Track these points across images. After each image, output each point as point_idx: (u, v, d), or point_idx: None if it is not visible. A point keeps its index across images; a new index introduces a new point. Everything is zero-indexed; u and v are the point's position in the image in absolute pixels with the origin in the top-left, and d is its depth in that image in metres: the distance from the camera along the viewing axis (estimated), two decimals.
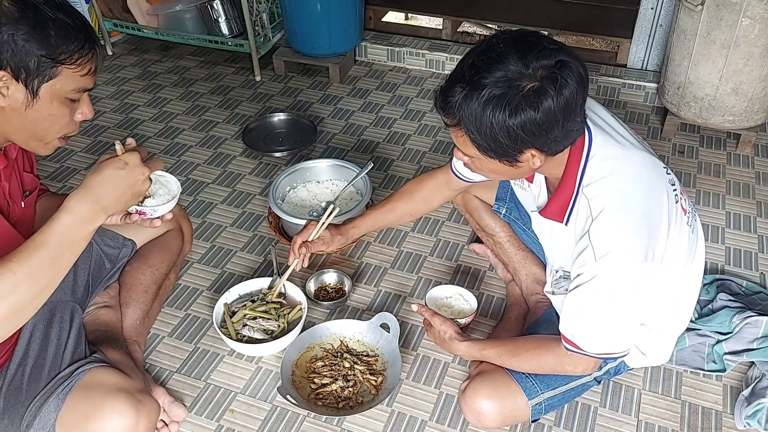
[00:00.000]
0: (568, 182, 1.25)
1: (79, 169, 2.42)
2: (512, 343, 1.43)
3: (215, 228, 2.16)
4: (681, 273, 1.33)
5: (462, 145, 1.21)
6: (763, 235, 2.08)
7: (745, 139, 2.42)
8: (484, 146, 1.16)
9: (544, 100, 1.08)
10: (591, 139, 1.23)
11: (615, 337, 1.26)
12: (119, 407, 1.22)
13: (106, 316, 1.60)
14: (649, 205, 1.20)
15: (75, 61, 1.14)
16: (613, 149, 1.24)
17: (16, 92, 1.12)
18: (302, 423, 1.57)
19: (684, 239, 1.30)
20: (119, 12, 3.13)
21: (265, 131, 2.57)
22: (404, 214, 1.71)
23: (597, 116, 1.29)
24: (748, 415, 1.52)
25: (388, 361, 1.63)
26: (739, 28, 2.12)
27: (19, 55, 1.09)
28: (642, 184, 1.21)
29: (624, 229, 1.17)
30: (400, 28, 3.29)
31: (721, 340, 1.67)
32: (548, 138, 1.13)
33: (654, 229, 1.19)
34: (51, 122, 1.18)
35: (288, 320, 1.72)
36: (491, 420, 1.45)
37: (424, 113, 2.72)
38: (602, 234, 1.18)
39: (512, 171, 1.23)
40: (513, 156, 1.17)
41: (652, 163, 1.27)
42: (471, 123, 1.13)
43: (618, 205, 1.19)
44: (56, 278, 1.10)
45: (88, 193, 1.11)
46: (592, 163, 1.22)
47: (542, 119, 1.09)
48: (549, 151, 1.17)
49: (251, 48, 2.87)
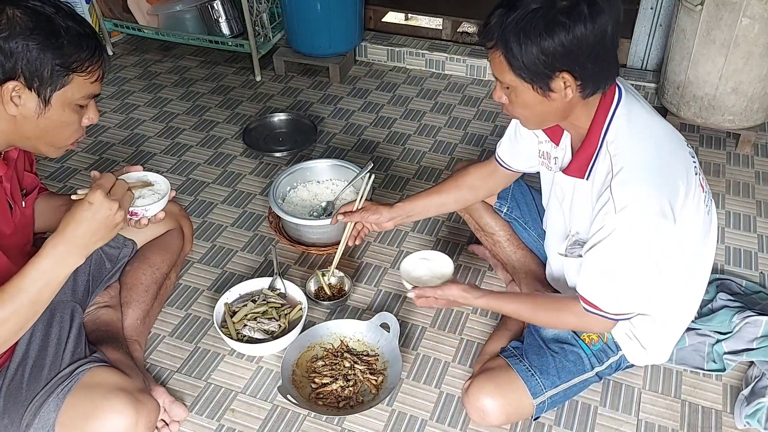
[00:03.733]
0: (592, 137, 1.28)
1: (79, 169, 2.42)
2: (531, 301, 1.44)
3: (216, 228, 2.16)
4: (694, 249, 1.35)
5: (499, 72, 1.22)
6: (762, 235, 2.08)
7: (745, 138, 2.42)
8: (519, 66, 1.17)
9: (578, 17, 1.11)
10: (620, 97, 1.27)
11: (632, 294, 1.27)
12: (119, 407, 1.23)
13: (107, 316, 1.60)
14: (670, 168, 1.23)
15: (86, 68, 1.16)
16: (639, 111, 1.27)
17: (29, 101, 1.14)
18: (303, 422, 1.57)
19: (700, 216, 1.32)
20: (119, 12, 3.13)
21: (266, 131, 2.58)
22: (452, 200, 1.70)
23: (626, 84, 1.32)
24: (747, 415, 1.52)
25: (389, 361, 1.63)
26: (739, 28, 2.12)
27: (33, 64, 1.11)
28: (664, 149, 1.25)
29: (644, 185, 1.19)
30: (400, 28, 3.30)
31: (720, 339, 1.67)
32: (581, 61, 1.15)
33: (672, 192, 1.21)
34: (62, 129, 1.20)
35: (288, 320, 1.73)
36: (495, 418, 1.45)
37: (424, 113, 2.72)
38: (623, 188, 1.20)
39: (545, 105, 1.23)
40: (546, 81, 1.18)
41: (675, 133, 1.31)
42: (506, 40, 1.16)
43: (640, 163, 1.21)
44: (37, 314, 1.19)
45: (63, 237, 1.16)
46: (618, 120, 1.25)
47: (575, 36, 1.12)
48: (583, 81, 1.18)
49: (251, 48, 2.87)
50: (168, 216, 1.80)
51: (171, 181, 2.41)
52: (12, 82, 1.11)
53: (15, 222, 1.32)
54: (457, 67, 2.96)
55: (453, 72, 2.98)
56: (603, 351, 1.50)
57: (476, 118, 2.68)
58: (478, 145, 2.50)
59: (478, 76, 2.94)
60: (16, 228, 1.33)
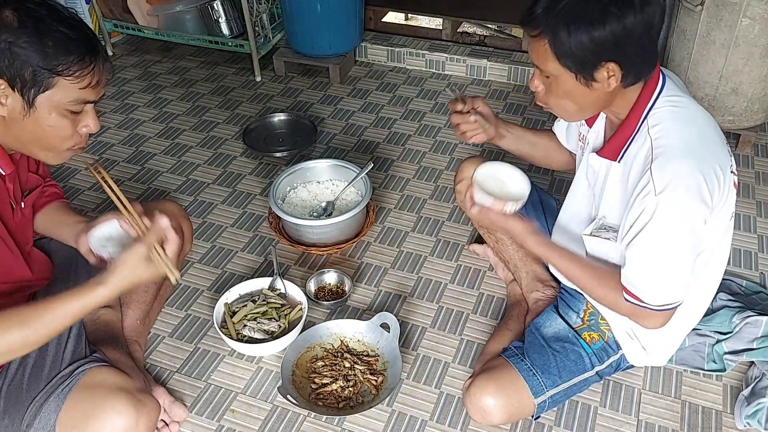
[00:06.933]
0: (631, 121, 1.27)
1: (78, 169, 2.42)
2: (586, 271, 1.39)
3: (216, 228, 2.16)
4: (715, 243, 1.34)
5: (542, 60, 1.22)
6: (762, 235, 2.08)
7: (745, 139, 2.42)
8: (564, 54, 1.17)
9: (628, 7, 1.12)
10: (664, 84, 1.26)
11: (672, 283, 1.26)
12: (119, 407, 1.23)
13: (107, 316, 1.60)
14: (713, 160, 1.22)
15: (73, 73, 1.13)
16: (685, 100, 1.27)
17: (14, 102, 1.13)
18: (303, 423, 1.57)
19: (727, 215, 1.31)
20: (119, 12, 3.13)
21: (266, 132, 2.58)
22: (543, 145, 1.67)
23: (670, 73, 1.32)
24: (748, 415, 1.52)
25: (389, 361, 1.63)
26: (739, 28, 2.12)
27: (15, 64, 1.09)
28: (708, 138, 1.24)
29: (687, 169, 1.18)
30: (400, 29, 3.29)
31: (721, 339, 1.67)
32: (627, 52, 1.16)
33: (713, 182, 1.20)
34: (52, 133, 1.18)
35: (288, 320, 1.73)
36: (497, 417, 1.45)
37: (424, 113, 2.72)
38: (663, 169, 1.19)
39: (586, 95, 1.23)
40: (591, 70, 1.18)
41: (717, 128, 1.29)
42: (555, 28, 1.16)
43: (681, 149, 1.20)
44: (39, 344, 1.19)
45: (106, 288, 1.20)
46: (662, 106, 1.25)
47: (625, 26, 1.13)
48: (626, 71, 1.19)
49: (251, 48, 2.87)
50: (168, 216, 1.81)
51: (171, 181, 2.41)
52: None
53: (16, 222, 1.32)
54: (457, 68, 2.96)
55: (453, 72, 2.98)
56: (603, 350, 1.50)
57: None
58: (479, 145, 2.50)
59: (478, 76, 2.94)
60: (16, 228, 1.33)
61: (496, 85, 2.89)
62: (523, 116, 2.68)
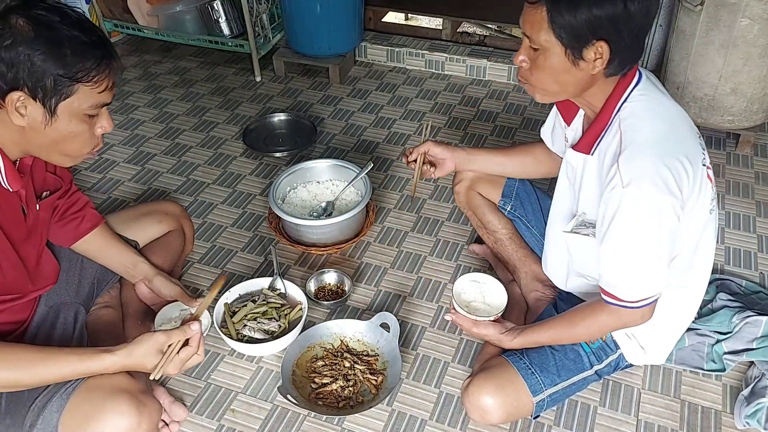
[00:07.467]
0: (604, 114, 1.29)
1: (80, 169, 2.43)
2: (562, 322, 1.42)
3: (216, 228, 2.16)
4: (696, 241, 1.35)
5: (535, 30, 1.21)
6: (762, 235, 2.08)
7: (745, 139, 2.42)
8: (561, 24, 1.17)
9: None
10: (640, 79, 1.28)
11: (646, 276, 1.26)
12: (121, 408, 1.23)
13: (108, 317, 1.60)
14: (680, 152, 1.22)
15: (92, 78, 1.13)
16: (658, 95, 1.29)
17: (35, 112, 1.12)
18: (303, 422, 1.57)
19: (705, 208, 1.31)
20: (119, 13, 3.13)
21: (266, 132, 2.58)
22: (513, 163, 1.72)
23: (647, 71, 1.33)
24: (747, 415, 1.52)
25: (388, 361, 1.63)
26: (738, 29, 2.12)
27: (36, 74, 1.09)
28: (677, 131, 1.25)
29: (652, 162, 1.19)
30: (399, 29, 3.30)
31: (720, 339, 1.67)
32: (622, 34, 1.17)
33: (680, 173, 1.21)
34: (71, 139, 1.19)
35: (288, 320, 1.73)
36: (496, 416, 1.45)
37: (424, 113, 2.72)
38: (630, 163, 1.20)
39: (569, 74, 1.23)
40: (581, 47, 1.19)
41: (690, 123, 1.31)
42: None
43: (650, 142, 1.21)
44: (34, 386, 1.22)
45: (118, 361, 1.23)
46: (635, 99, 1.26)
47: (627, 8, 1.14)
48: (614, 56, 1.19)
49: (251, 48, 2.87)
50: (169, 217, 1.81)
51: (171, 182, 2.41)
52: (16, 93, 1.09)
53: (29, 226, 1.32)
54: (456, 68, 2.96)
55: (453, 72, 2.98)
56: (602, 349, 1.50)
57: (476, 119, 2.68)
58: (479, 145, 2.51)
59: (478, 76, 2.94)
60: (29, 232, 1.33)
61: (495, 85, 2.89)
62: (523, 116, 2.68)
